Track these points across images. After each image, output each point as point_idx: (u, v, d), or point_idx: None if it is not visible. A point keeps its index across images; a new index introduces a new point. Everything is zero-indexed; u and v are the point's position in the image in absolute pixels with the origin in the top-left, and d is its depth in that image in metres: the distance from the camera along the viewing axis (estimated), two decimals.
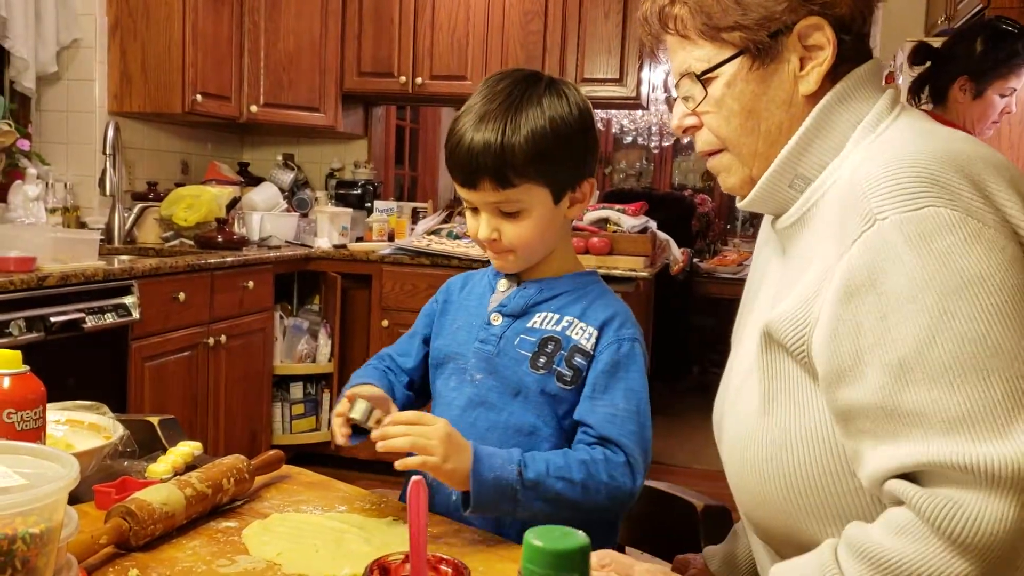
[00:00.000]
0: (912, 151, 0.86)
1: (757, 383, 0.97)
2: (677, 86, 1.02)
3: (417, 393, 1.35)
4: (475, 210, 1.23)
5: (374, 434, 1.09)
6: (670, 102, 1.07)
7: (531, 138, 1.15)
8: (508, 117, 1.16)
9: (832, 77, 0.95)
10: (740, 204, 1.04)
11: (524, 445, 1.20)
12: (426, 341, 1.35)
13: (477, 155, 1.16)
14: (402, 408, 1.31)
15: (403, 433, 1.06)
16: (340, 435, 1.15)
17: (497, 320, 1.25)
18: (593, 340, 1.21)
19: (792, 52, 0.95)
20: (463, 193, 1.22)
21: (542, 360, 1.21)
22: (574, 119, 1.19)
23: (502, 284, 1.29)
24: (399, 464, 1.07)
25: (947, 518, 0.77)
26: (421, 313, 1.38)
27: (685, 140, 7.27)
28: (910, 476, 0.81)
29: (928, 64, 2.66)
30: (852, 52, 0.96)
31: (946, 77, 2.59)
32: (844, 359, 0.85)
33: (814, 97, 0.96)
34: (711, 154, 1.03)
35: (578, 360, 1.20)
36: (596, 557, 1.05)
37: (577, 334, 1.21)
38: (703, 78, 0.97)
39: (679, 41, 1.00)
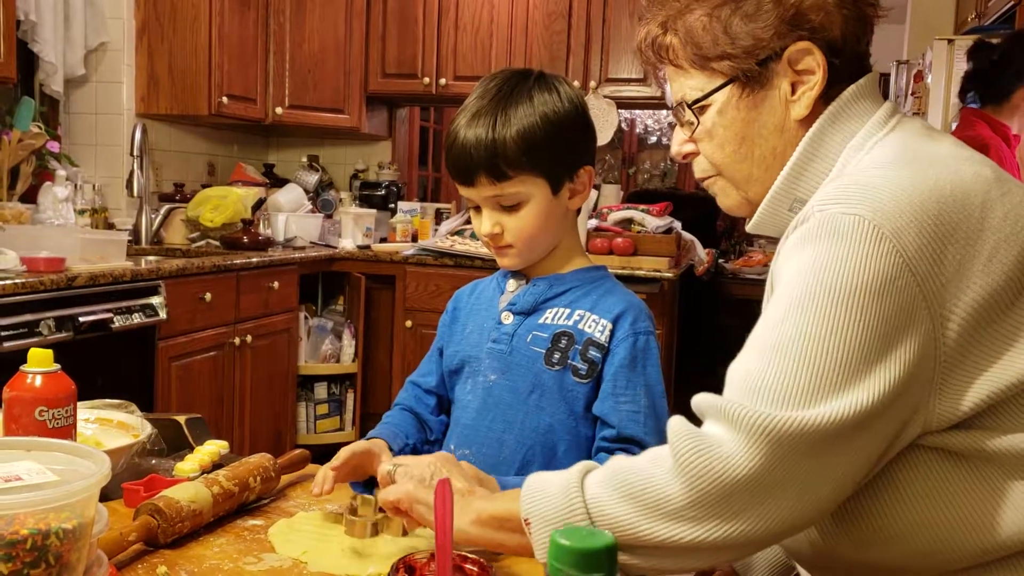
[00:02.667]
0: (883, 171, 0.86)
1: None
2: (675, 113, 1.03)
3: (447, 409, 1.36)
4: (478, 208, 1.24)
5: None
6: (672, 127, 1.08)
7: (521, 129, 1.17)
8: (498, 111, 1.18)
9: (826, 98, 0.95)
10: (748, 227, 1.07)
11: (541, 443, 1.21)
12: (441, 352, 1.35)
13: (470, 151, 1.18)
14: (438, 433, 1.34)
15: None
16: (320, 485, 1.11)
17: (508, 319, 1.25)
18: (607, 333, 1.21)
19: (783, 78, 0.95)
20: (464, 192, 1.23)
21: (556, 356, 1.21)
22: (564, 109, 1.20)
23: (511, 284, 1.29)
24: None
25: (684, 440, 0.82)
26: (435, 339, 1.39)
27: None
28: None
29: (980, 64, 2.65)
30: (846, 72, 0.95)
31: (1014, 77, 2.57)
32: None
33: (807, 120, 0.96)
34: (706, 179, 1.05)
35: (592, 353, 1.20)
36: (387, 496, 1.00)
37: (590, 327, 1.21)
38: (695, 106, 0.99)
39: (674, 70, 1.01)
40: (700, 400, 0.85)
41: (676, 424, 0.84)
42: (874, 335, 0.79)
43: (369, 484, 1.16)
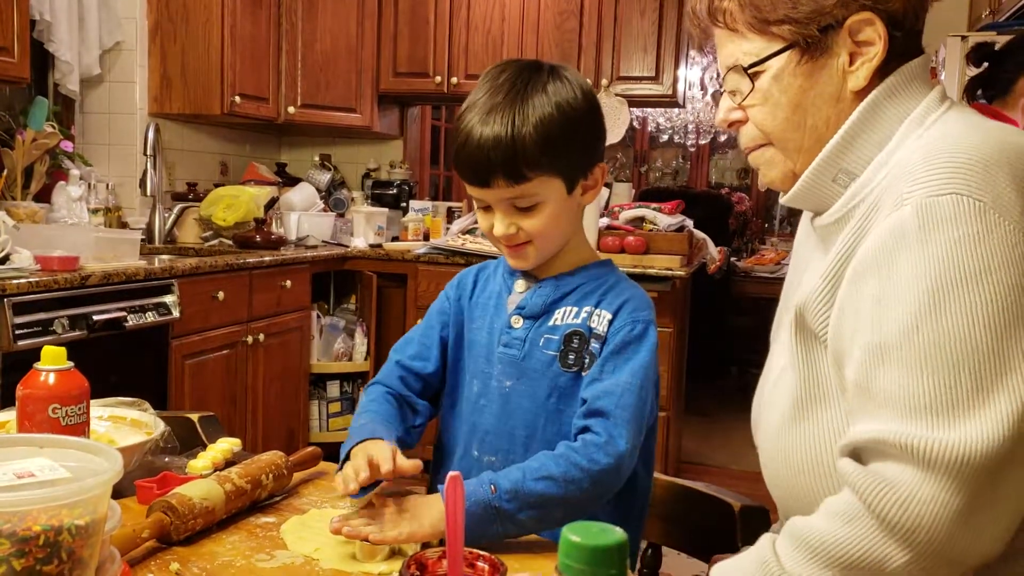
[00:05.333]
0: (956, 141, 0.86)
1: (792, 375, 0.97)
2: (724, 80, 1.01)
3: (434, 396, 1.32)
4: (487, 208, 1.20)
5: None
6: (716, 97, 1.06)
7: (541, 129, 1.12)
8: (515, 110, 1.13)
9: (881, 73, 0.95)
10: (783, 200, 1.04)
11: None
12: (443, 341, 1.31)
13: (488, 152, 1.13)
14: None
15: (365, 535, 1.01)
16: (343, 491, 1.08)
17: (518, 323, 1.23)
18: (606, 322, 1.18)
19: (842, 47, 0.94)
20: (475, 192, 1.19)
21: (572, 356, 1.19)
22: (580, 104, 1.16)
23: (519, 284, 1.26)
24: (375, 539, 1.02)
25: (879, 496, 0.79)
26: (434, 311, 1.35)
27: (725, 136, 7.22)
28: (861, 455, 0.84)
29: (986, 65, 2.64)
30: (902, 48, 0.95)
31: (1018, 67, 2.55)
32: (844, 339, 0.88)
33: (862, 92, 0.95)
34: (754, 149, 1.03)
35: (594, 345, 1.18)
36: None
37: (595, 322, 1.19)
38: (750, 71, 0.97)
39: (727, 34, 0.99)
40: (863, 439, 0.82)
41: (856, 473, 0.82)
42: (1017, 307, 0.78)
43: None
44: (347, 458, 1.12)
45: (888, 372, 0.81)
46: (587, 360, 1.18)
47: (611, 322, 1.18)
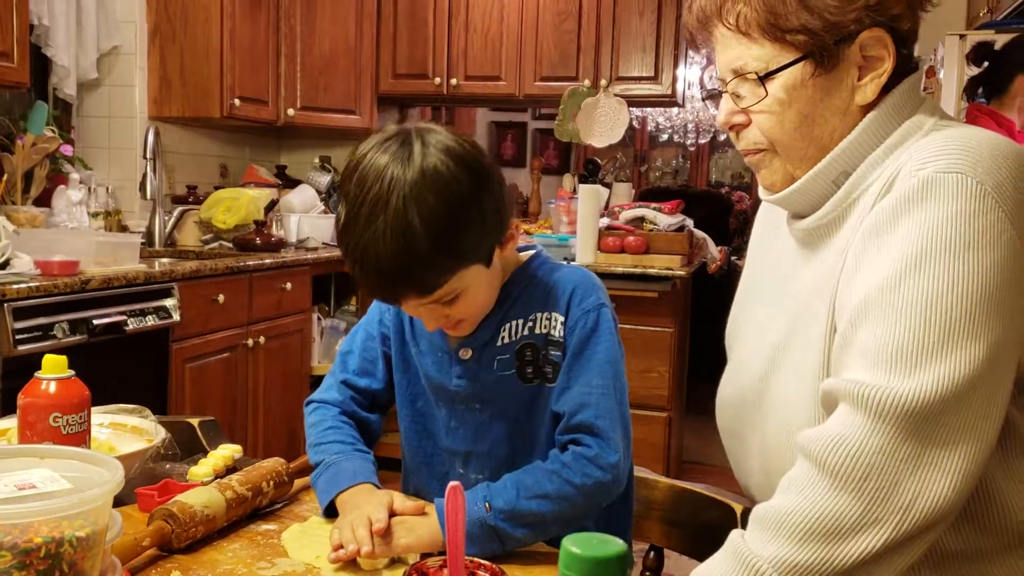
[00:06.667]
0: (969, 133, 0.91)
1: (817, 377, 0.96)
2: (726, 81, 1.01)
3: (384, 408, 1.29)
4: None
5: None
6: (715, 97, 1.05)
7: (438, 238, 1.00)
8: (402, 222, 0.99)
9: (883, 87, 0.97)
10: (772, 198, 1.06)
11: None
12: (385, 356, 1.26)
13: (388, 278, 1.03)
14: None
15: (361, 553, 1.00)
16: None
17: (467, 354, 1.17)
18: (560, 325, 1.14)
19: (851, 61, 0.96)
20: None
21: (530, 370, 1.15)
22: (465, 184, 1.02)
23: None
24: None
25: (831, 453, 0.82)
26: (373, 321, 1.27)
27: (725, 135, 7.21)
28: (827, 403, 0.89)
29: (986, 64, 2.66)
30: (905, 65, 0.98)
31: (1014, 67, 2.58)
32: (845, 307, 0.91)
33: (867, 106, 0.97)
34: (754, 152, 1.03)
35: (554, 353, 1.14)
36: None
37: (544, 326, 1.15)
38: (766, 78, 0.97)
39: (736, 37, 0.98)
40: (830, 387, 0.87)
41: (807, 437, 0.86)
42: (992, 284, 0.83)
43: None
44: (332, 504, 1.11)
45: (866, 326, 0.86)
46: (549, 370, 1.14)
47: (564, 323, 1.14)
